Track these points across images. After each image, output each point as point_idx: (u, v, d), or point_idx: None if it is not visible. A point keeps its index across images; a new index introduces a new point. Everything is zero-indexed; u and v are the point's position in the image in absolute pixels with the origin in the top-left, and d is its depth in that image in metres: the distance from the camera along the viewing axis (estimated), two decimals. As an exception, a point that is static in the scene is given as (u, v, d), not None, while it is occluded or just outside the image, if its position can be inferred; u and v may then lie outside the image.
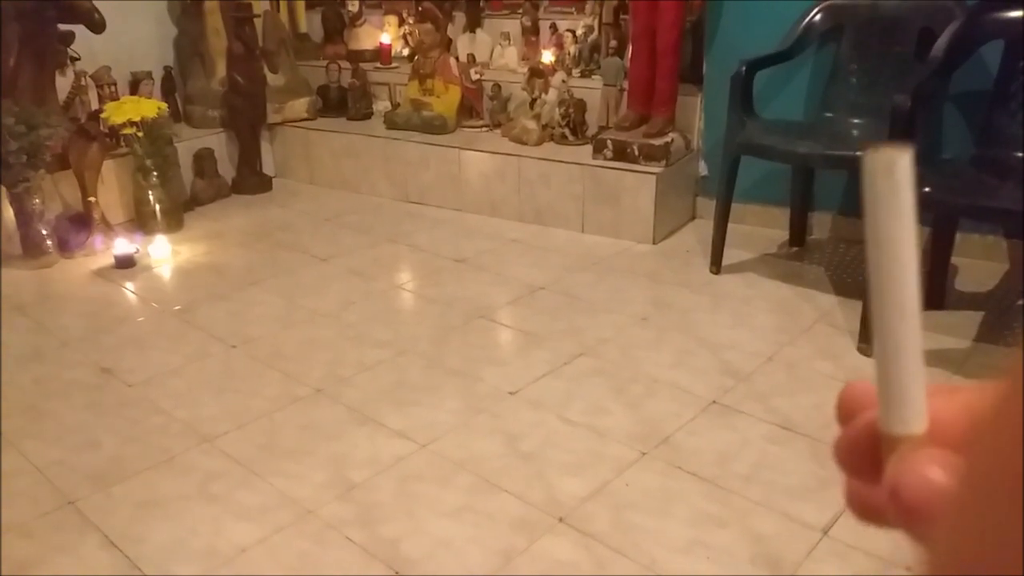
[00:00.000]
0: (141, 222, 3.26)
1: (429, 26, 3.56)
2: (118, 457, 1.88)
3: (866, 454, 0.26)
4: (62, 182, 3.11)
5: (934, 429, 0.25)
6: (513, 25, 3.74)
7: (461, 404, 2.05)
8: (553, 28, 3.60)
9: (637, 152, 3.00)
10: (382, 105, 3.87)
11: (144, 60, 3.74)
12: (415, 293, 2.78)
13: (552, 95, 3.31)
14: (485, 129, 3.55)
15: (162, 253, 3.04)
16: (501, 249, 3.05)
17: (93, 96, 3.45)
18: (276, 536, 1.62)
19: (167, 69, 3.87)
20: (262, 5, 3.88)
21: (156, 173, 3.23)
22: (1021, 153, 2.27)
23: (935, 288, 2.42)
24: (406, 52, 4.00)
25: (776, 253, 2.93)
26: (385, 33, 4.02)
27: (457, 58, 3.65)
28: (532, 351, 2.31)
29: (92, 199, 3.09)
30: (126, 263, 2.95)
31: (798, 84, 2.92)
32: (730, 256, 2.78)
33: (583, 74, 3.45)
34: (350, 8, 4.10)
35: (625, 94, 3.17)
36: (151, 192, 3.24)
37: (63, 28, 3.19)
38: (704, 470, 1.78)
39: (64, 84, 3.31)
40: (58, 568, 1.56)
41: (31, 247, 2.98)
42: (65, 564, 1.57)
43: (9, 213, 2.99)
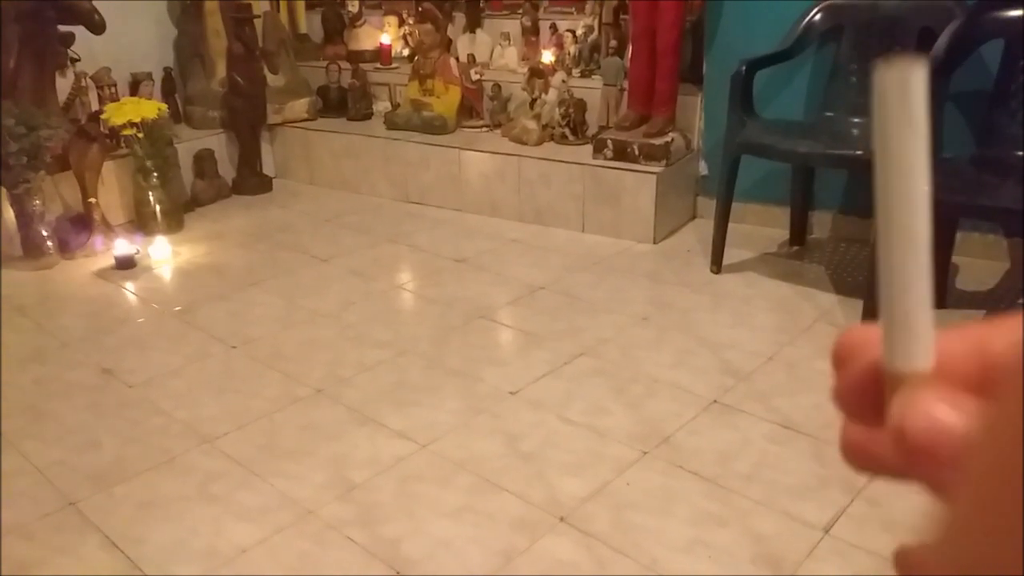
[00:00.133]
0: (141, 223, 3.26)
1: (429, 26, 3.57)
2: (119, 458, 1.88)
3: (868, 395, 0.24)
4: (62, 183, 3.11)
5: (942, 367, 0.23)
6: (513, 25, 3.74)
7: (461, 404, 2.05)
8: (553, 28, 3.60)
9: (637, 152, 3.00)
10: (382, 105, 3.87)
11: (144, 61, 3.74)
12: (415, 293, 2.78)
13: (552, 95, 3.31)
14: (485, 129, 3.55)
15: (162, 254, 3.04)
16: (501, 249, 3.05)
17: (93, 97, 3.45)
18: (276, 536, 1.62)
19: (167, 70, 3.87)
20: (262, 6, 3.88)
21: (156, 174, 3.23)
22: (1021, 152, 2.28)
23: (935, 287, 2.41)
24: (406, 52, 4.01)
25: (776, 252, 2.93)
26: (385, 33, 4.02)
27: (457, 58, 3.65)
28: (532, 351, 2.31)
29: (92, 200, 3.09)
30: (126, 264, 2.95)
31: (798, 84, 2.92)
32: (730, 255, 2.78)
33: (583, 74, 3.45)
34: (350, 9, 4.10)
35: (625, 94, 3.17)
36: (151, 193, 3.24)
37: (63, 29, 3.19)
38: (705, 470, 1.78)
39: (64, 85, 3.31)
40: (59, 569, 1.56)
41: (32, 248, 2.98)
42: (66, 565, 1.57)
43: (10, 214, 2.99)
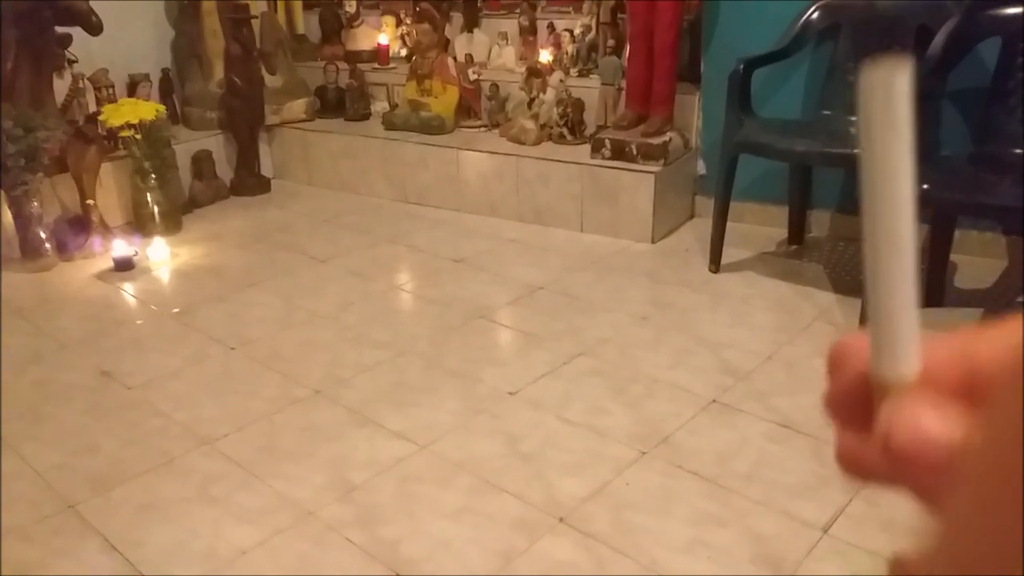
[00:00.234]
0: (140, 224, 3.26)
1: (427, 26, 3.56)
2: (118, 460, 1.88)
3: (857, 403, 0.24)
4: (60, 185, 3.11)
5: (927, 373, 0.23)
6: (511, 25, 3.74)
7: (460, 405, 2.05)
8: (551, 28, 3.60)
9: (635, 151, 3.00)
10: (380, 106, 3.87)
11: (142, 62, 3.74)
12: (414, 294, 2.78)
13: (550, 95, 3.31)
14: (483, 129, 3.55)
15: (161, 255, 3.04)
16: (500, 249, 3.05)
17: (91, 99, 3.45)
18: (276, 538, 1.62)
19: (165, 71, 3.87)
20: (259, 6, 3.88)
21: (154, 175, 3.23)
22: (1019, 150, 2.28)
23: (934, 285, 2.42)
24: (404, 52, 4.00)
25: (775, 251, 2.93)
26: (383, 34, 4.02)
27: (455, 58, 3.65)
28: (531, 351, 2.31)
29: (90, 202, 3.09)
30: (125, 266, 2.95)
31: (796, 83, 2.92)
32: (729, 255, 2.78)
33: (581, 74, 3.44)
34: (347, 9, 4.10)
35: (623, 93, 3.17)
36: (149, 194, 3.24)
37: (60, 31, 3.18)
38: (704, 469, 1.78)
39: (62, 87, 3.30)
40: (58, 571, 1.56)
41: (30, 250, 2.98)
42: (65, 567, 1.57)
43: (8, 216, 2.99)
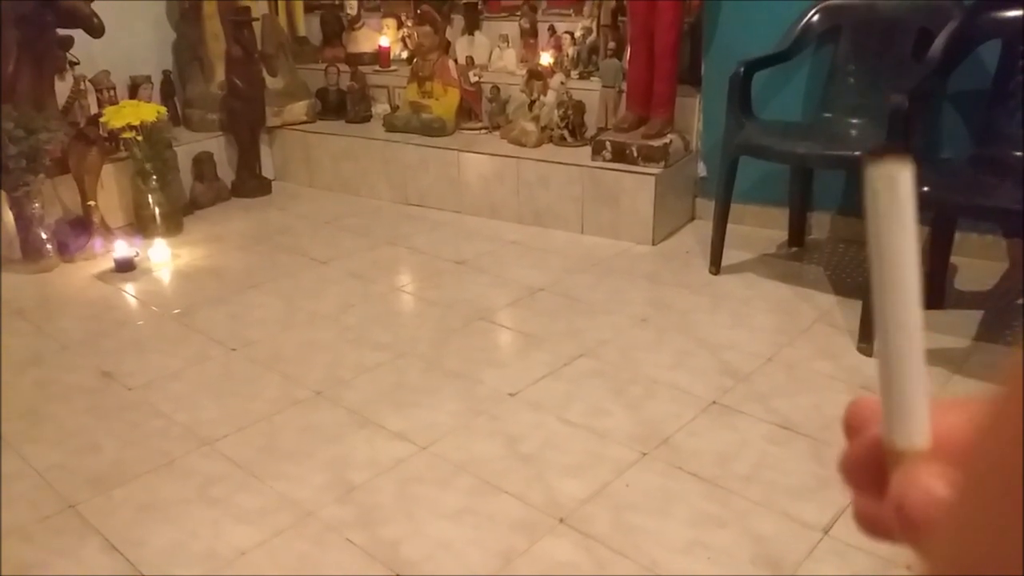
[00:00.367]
0: (141, 226, 3.27)
1: (428, 29, 3.57)
2: (118, 460, 1.88)
3: (871, 469, 0.26)
4: (62, 186, 3.11)
5: (938, 444, 0.25)
6: (511, 27, 3.74)
7: (461, 406, 2.05)
8: (551, 30, 3.60)
9: (636, 153, 3.00)
10: (381, 108, 3.87)
11: (143, 64, 3.75)
12: (415, 295, 2.79)
13: (551, 97, 3.31)
14: (484, 131, 3.55)
15: (162, 257, 3.04)
16: (500, 251, 3.05)
17: (92, 100, 3.45)
18: (276, 539, 1.62)
19: (166, 73, 3.87)
20: (260, 9, 3.88)
21: (155, 177, 3.23)
22: (1019, 152, 2.28)
23: (935, 287, 2.42)
24: (405, 55, 4.01)
25: (775, 253, 2.93)
26: (384, 36, 4.02)
27: (456, 60, 3.65)
28: (532, 353, 2.31)
29: (92, 203, 3.09)
30: (126, 267, 2.95)
31: (796, 85, 2.93)
32: (729, 257, 2.78)
33: (582, 76, 3.45)
34: (348, 11, 4.10)
35: (624, 96, 3.17)
36: (150, 196, 3.24)
37: (62, 33, 3.19)
38: (704, 471, 1.78)
39: (63, 89, 3.31)
40: (59, 571, 1.56)
41: (31, 251, 2.98)
42: (66, 567, 1.57)
43: (9, 217, 2.99)
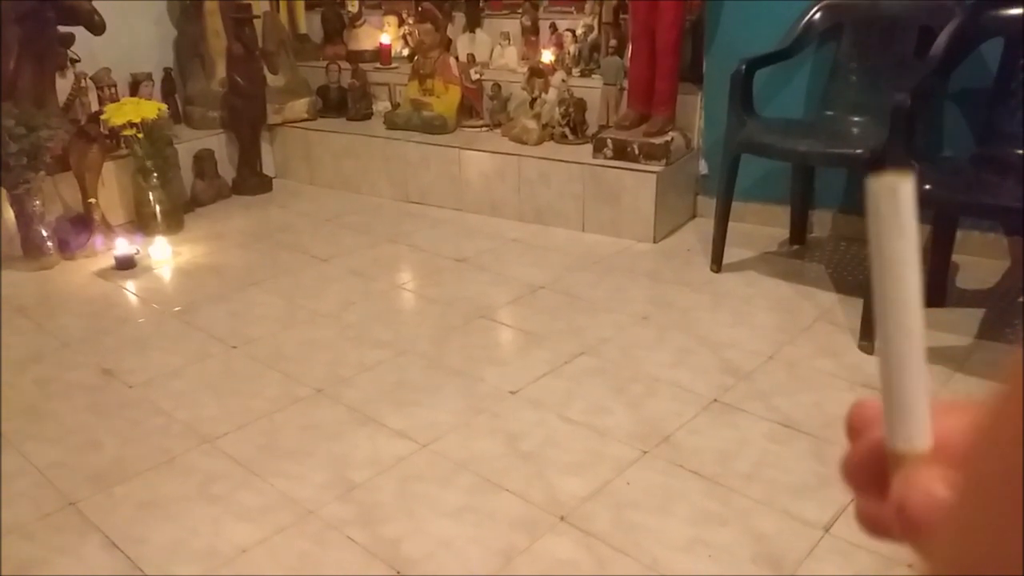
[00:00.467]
0: (141, 223, 3.26)
1: (429, 26, 3.56)
2: (119, 458, 1.88)
3: (873, 471, 0.27)
4: (62, 184, 3.11)
5: (939, 446, 0.25)
6: (513, 25, 3.74)
7: (462, 404, 2.05)
8: (553, 28, 3.60)
9: (637, 151, 2.99)
10: (382, 105, 3.87)
11: (144, 62, 3.74)
12: (415, 293, 2.78)
13: (552, 94, 3.31)
14: (485, 129, 3.55)
15: (162, 254, 3.04)
16: (501, 249, 3.05)
17: (93, 98, 3.45)
18: (277, 536, 1.62)
19: (167, 70, 3.87)
20: (262, 6, 3.88)
21: (156, 174, 3.23)
22: (1021, 150, 2.27)
23: (936, 286, 2.42)
24: (406, 52, 4.01)
25: (777, 251, 2.93)
26: (385, 33, 4.02)
27: (457, 58, 3.65)
28: (532, 351, 2.31)
29: (92, 200, 3.09)
30: (126, 264, 2.95)
31: (798, 83, 2.92)
32: (731, 255, 2.78)
33: (583, 73, 3.45)
34: (350, 9, 4.10)
35: (625, 93, 3.17)
36: (151, 193, 3.24)
37: (63, 30, 3.19)
38: (705, 469, 1.78)
39: (64, 86, 3.31)
40: (59, 569, 1.56)
41: (32, 249, 2.98)
42: (66, 565, 1.57)
43: (10, 215, 2.99)
